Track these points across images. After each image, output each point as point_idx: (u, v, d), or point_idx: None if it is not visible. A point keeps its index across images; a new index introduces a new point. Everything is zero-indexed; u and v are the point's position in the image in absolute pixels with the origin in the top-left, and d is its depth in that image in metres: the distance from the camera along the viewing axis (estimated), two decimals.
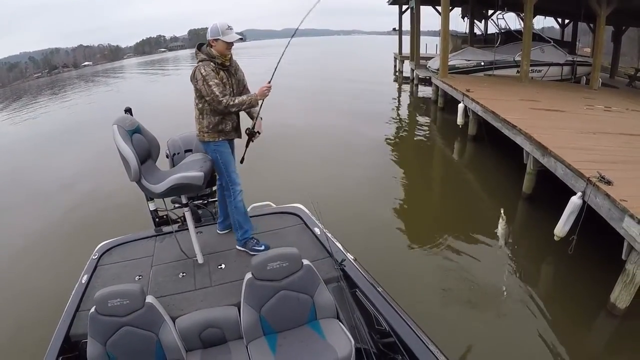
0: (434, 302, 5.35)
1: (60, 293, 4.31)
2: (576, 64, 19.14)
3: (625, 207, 4.90)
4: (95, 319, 3.12)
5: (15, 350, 5.06)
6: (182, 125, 5.85)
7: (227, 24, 4.05)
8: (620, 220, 4.97)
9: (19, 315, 5.68)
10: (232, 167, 4.33)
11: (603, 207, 5.37)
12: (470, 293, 5.53)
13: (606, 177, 5.56)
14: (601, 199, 5.41)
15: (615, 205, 5.08)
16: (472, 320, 5.08)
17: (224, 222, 4.79)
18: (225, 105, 4.00)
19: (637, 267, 4.77)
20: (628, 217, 4.82)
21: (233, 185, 4.32)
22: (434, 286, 5.68)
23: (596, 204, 5.53)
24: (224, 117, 4.19)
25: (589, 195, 5.69)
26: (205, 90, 3.97)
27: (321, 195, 5.05)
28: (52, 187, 11.07)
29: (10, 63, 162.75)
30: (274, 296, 3.37)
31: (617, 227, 5.04)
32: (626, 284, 4.90)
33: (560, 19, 25.83)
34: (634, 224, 4.71)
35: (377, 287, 3.60)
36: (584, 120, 10.02)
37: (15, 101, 41.24)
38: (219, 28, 4.01)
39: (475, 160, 11.48)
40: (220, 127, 4.21)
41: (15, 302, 6.05)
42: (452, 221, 7.55)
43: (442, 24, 16.88)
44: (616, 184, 5.46)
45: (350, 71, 35.75)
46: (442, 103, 16.89)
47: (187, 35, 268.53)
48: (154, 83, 37.61)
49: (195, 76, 4.01)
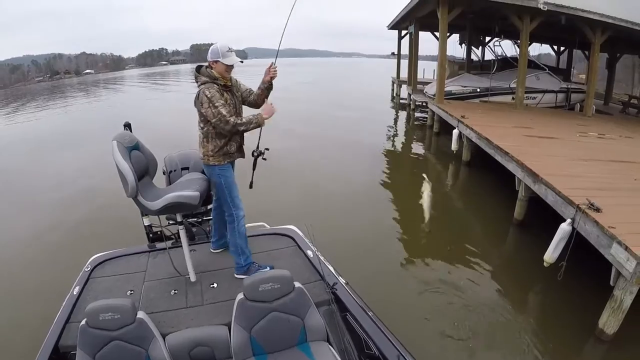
0: (423, 328, 5.34)
1: (48, 302, 4.33)
2: (570, 91, 19.42)
3: (613, 233, 4.96)
4: (86, 331, 3.12)
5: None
6: (179, 143, 5.88)
7: (227, 45, 4.05)
8: (608, 247, 5.02)
9: (5, 323, 5.62)
10: (235, 191, 4.29)
11: (592, 234, 5.43)
12: (458, 318, 5.50)
13: (595, 204, 5.63)
14: (590, 226, 5.47)
15: (604, 232, 5.14)
16: (461, 346, 5.07)
17: (218, 241, 4.78)
18: (232, 125, 3.96)
19: (625, 293, 4.80)
20: (616, 243, 4.88)
21: (236, 209, 4.29)
22: (424, 311, 5.66)
23: (585, 230, 5.59)
24: (230, 138, 4.15)
25: (578, 222, 5.75)
26: (211, 112, 3.92)
27: (314, 216, 5.05)
28: (44, 194, 11.12)
29: (13, 65, 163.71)
30: (265, 317, 3.37)
31: (606, 253, 5.09)
32: (614, 309, 4.93)
33: (556, 46, 26.15)
34: (622, 250, 4.76)
35: (367, 312, 3.60)
36: (576, 147, 10.15)
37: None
38: (219, 50, 4.00)
39: (468, 185, 11.57)
40: (226, 149, 4.17)
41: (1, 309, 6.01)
42: (443, 246, 7.57)
43: (440, 50, 17.07)
44: (605, 211, 5.53)
45: (348, 93, 36.01)
46: (437, 128, 16.98)
47: (189, 49, 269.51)
48: (155, 100, 37.58)
49: (200, 99, 3.96)
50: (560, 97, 19.39)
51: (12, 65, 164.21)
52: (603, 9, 14.95)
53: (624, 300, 4.83)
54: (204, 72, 4.08)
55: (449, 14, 15.75)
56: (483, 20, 19.82)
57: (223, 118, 3.92)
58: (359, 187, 10.96)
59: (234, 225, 4.30)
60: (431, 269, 6.78)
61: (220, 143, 4.13)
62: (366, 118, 22.86)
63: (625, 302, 4.83)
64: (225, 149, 4.16)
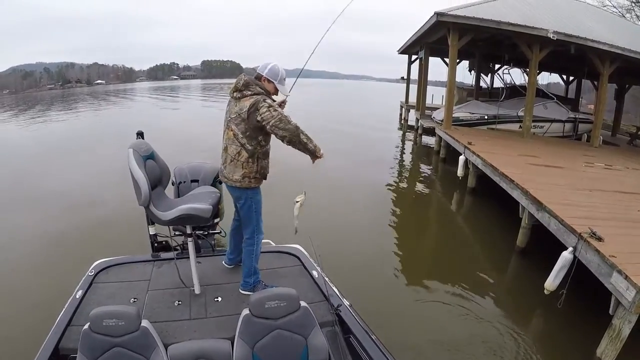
0: (425, 353, 5.34)
1: (48, 303, 4.44)
2: (578, 121, 19.49)
3: (614, 262, 5.02)
4: (88, 335, 3.11)
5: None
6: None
7: (285, 74, 4.02)
8: (608, 276, 5.07)
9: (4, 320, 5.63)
10: (261, 215, 4.26)
11: (593, 263, 5.48)
12: (458, 343, 5.52)
13: (597, 234, 5.69)
14: (591, 255, 5.52)
15: (605, 260, 5.20)
16: None
17: (235, 258, 4.69)
18: (296, 126, 3.78)
19: (624, 322, 4.84)
20: (616, 272, 4.93)
21: (259, 234, 4.25)
22: (426, 336, 5.67)
23: (586, 259, 5.64)
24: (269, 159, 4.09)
25: (579, 250, 5.80)
26: (270, 114, 3.71)
27: (318, 236, 5.07)
28: (53, 197, 11.26)
29: (25, 71, 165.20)
30: (269, 334, 3.33)
31: (606, 282, 5.13)
32: (612, 338, 4.96)
33: (565, 75, 26.27)
34: (622, 279, 4.81)
35: (371, 335, 3.58)
36: (581, 177, 10.22)
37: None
38: (280, 73, 3.98)
39: (472, 211, 11.60)
40: (265, 171, 4.10)
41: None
42: (446, 271, 7.58)
43: (449, 77, 17.19)
44: (607, 241, 5.59)
45: (357, 117, 36.12)
46: (444, 154, 17.01)
47: (200, 65, 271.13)
48: (165, 118, 37.87)
49: (256, 106, 3.74)
50: (568, 127, 19.46)
51: (24, 71, 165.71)
52: (612, 39, 15.10)
53: (623, 329, 4.86)
54: (259, 84, 3.92)
55: (459, 40, 15.90)
56: (493, 48, 20.00)
57: (285, 118, 3.76)
58: (364, 210, 11.04)
59: (253, 248, 4.24)
60: (433, 293, 6.78)
61: (264, 163, 4.05)
62: (373, 141, 23.03)
63: (623, 331, 4.86)
64: (266, 170, 4.11)
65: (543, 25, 14.67)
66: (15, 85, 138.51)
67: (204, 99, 60.05)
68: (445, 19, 15.21)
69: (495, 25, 14.74)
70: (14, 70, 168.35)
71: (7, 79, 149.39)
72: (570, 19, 16.61)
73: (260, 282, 4.31)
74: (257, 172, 4.01)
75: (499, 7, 16.23)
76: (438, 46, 20.02)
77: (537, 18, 15.57)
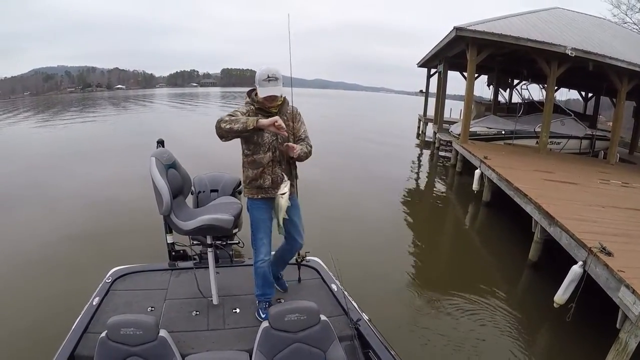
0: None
1: (62, 308, 4.59)
2: (595, 138, 19.41)
3: (622, 277, 5.09)
4: (105, 344, 3.12)
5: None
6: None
7: (268, 72, 3.65)
8: (616, 290, 5.14)
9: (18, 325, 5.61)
10: (260, 233, 3.98)
11: (601, 277, 5.55)
12: (469, 352, 5.61)
13: (607, 248, 5.77)
14: (600, 269, 5.60)
15: (613, 275, 5.27)
16: None
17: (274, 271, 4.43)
18: (217, 122, 3.59)
19: (630, 336, 4.89)
20: (624, 287, 5.00)
21: (255, 253, 4.03)
22: (439, 349, 5.72)
23: (596, 273, 5.71)
24: (263, 170, 3.81)
25: (589, 264, 5.88)
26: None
27: (336, 249, 5.07)
28: (72, 200, 11.50)
29: (46, 73, 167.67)
30: (288, 347, 3.32)
31: (614, 296, 5.20)
32: (619, 352, 5.01)
33: (584, 92, 26.20)
34: (629, 293, 4.88)
35: (390, 350, 3.56)
36: (595, 193, 10.26)
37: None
38: (258, 76, 3.71)
39: (486, 225, 11.66)
40: (259, 182, 3.85)
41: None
42: (460, 283, 7.65)
43: (467, 91, 17.29)
44: (616, 256, 5.65)
45: (374, 128, 36.24)
46: (460, 167, 17.08)
47: (220, 73, 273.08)
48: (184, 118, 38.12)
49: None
50: (585, 144, 19.41)
51: (45, 74, 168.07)
52: (631, 56, 15.08)
53: (629, 343, 4.90)
54: (251, 94, 3.92)
55: (478, 55, 16.00)
56: (511, 63, 20.04)
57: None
58: (381, 221, 11.13)
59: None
60: (445, 304, 6.86)
61: (252, 174, 3.86)
62: (391, 153, 23.12)
63: (630, 345, 4.90)
64: (259, 182, 3.85)
65: (561, 41, 14.73)
66: (37, 87, 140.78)
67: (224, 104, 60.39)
68: (464, 33, 15.32)
69: (513, 41, 14.80)
70: (36, 73, 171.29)
71: (29, 81, 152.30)
72: (589, 35, 16.65)
73: (261, 302, 4.16)
74: (245, 181, 3.96)
75: (518, 23, 16.33)
76: (457, 60, 20.11)
77: (556, 34, 15.64)
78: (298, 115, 4.03)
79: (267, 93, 3.69)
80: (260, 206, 3.94)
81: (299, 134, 3.98)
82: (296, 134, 3.97)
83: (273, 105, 3.82)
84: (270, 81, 3.67)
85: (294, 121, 3.97)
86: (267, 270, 4.05)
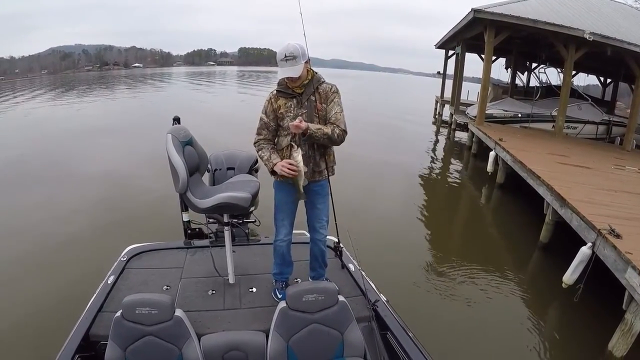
0: (450, 345, 5.34)
1: (78, 285, 4.59)
2: (612, 123, 19.24)
3: (629, 259, 5.15)
4: (120, 323, 3.06)
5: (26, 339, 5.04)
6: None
7: (285, 51, 3.44)
8: (623, 271, 5.22)
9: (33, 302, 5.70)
10: (280, 214, 3.94)
11: (609, 258, 5.63)
12: (477, 330, 5.71)
13: (616, 231, 5.81)
14: (609, 250, 5.66)
15: (621, 256, 5.34)
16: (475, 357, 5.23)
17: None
18: (255, 146, 3.72)
19: (636, 317, 4.97)
20: (631, 268, 5.07)
21: (275, 231, 4.00)
22: (445, 323, 5.78)
23: (604, 254, 5.78)
24: (282, 153, 3.68)
25: (598, 246, 5.95)
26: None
27: (352, 228, 5.05)
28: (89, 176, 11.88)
29: (64, 52, 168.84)
30: (305, 328, 3.25)
31: (620, 277, 5.28)
32: (624, 332, 5.10)
33: (602, 77, 25.92)
34: (636, 275, 4.95)
35: (408, 332, 3.49)
36: (608, 178, 10.25)
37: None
38: (277, 56, 3.51)
39: (500, 207, 11.76)
40: (269, 164, 3.69)
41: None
42: (472, 264, 7.72)
43: (484, 73, 17.22)
44: (625, 238, 5.70)
45: (392, 109, 36.22)
46: (475, 149, 17.08)
47: (237, 52, 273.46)
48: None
49: None
50: (601, 129, 19.24)
51: (63, 52, 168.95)
52: None
53: (635, 324, 4.99)
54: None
55: (495, 38, 15.91)
56: (529, 46, 19.94)
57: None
58: (396, 202, 11.29)
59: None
60: (457, 283, 6.98)
61: (267, 155, 3.70)
62: (408, 133, 23.38)
63: (635, 326, 4.98)
64: (273, 164, 3.65)
65: (580, 25, 14.56)
66: (54, 66, 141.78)
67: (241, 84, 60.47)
68: (482, 15, 15.23)
69: (531, 24, 14.66)
70: (53, 51, 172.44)
71: (46, 59, 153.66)
72: (609, 20, 16.40)
73: (278, 281, 4.14)
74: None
75: (536, 6, 16.11)
76: (475, 42, 20.00)
77: (574, 18, 15.43)
78: (333, 94, 3.72)
79: (283, 74, 3.50)
80: (283, 187, 3.83)
81: (329, 116, 3.67)
82: (326, 116, 3.69)
83: (297, 85, 3.61)
84: (288, 60, 3.44)
85: (326, 102, 3.69)
86: (285, 249, 3.99)
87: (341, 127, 3.63)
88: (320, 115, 3.65)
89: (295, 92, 3.62)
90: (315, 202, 3.91)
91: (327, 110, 3.67)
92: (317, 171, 3.78)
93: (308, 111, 3.61)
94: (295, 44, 3.48)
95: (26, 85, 61.71)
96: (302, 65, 3.47)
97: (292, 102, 3.62)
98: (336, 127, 3.60)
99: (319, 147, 3.73)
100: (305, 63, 3.51)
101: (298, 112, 3.59)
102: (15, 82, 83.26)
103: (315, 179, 3.79)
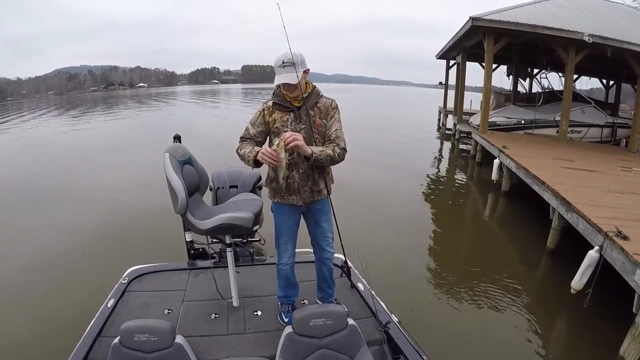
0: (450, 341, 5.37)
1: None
2: (617, 126, 19.15)
3: (637, 260, 5.06)
4: (118, 350, 2.96)
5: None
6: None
7: (283, 57, 3.28)
8: (632, 273, 5.11)
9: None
10: (282, 238, 3.75)
11: (617, 261, 5.53)
12: (488, 335, 5.66)
13: (623, 233, 5.73)
14: (616, 253, 5.57)
15: (629, 258, 5.24)
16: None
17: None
18: (237, 148, 3.50)
19: None
20: (639, 270, 4.99)
21: (277, 254, 3.82)
22: (464, 347, 5.51)
23: (612, 257, 5.69)
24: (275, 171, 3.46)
25: (605, 249, 5.85)
26: None
27: (359, 242, 4.90)
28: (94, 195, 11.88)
29: (70, 73, 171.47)
30: (313, 354, 3.09)
31: (629, 280, 5.18)
32: (635, 336, 5.00)
33: (605, 80, 25.85)
34: None
35: (422, 355, 3.34)
36: (614, 180, 10.13)
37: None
38: (274, 63, 3.35)
39: (506, 214, 11.66)
40: (274, 184, 3.59)
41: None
42: (480, 271, 7.69)
43: (485, 81, 17.20)
44: (633, 240, 5.61)
45: (396, 121, 36.27)
46: (480, 158, 17.03)
47: (241, 70, 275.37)
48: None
49: None
50: (606, 132, 19.14)
51: (69, 73, 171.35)
52: None
53: None
54: (275, 90, 3.54)
55: (495, 45, 15.92)
56: (530, 52, 19.94)
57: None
58: (402, 212, 11.20)
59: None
60: (469, 297, 6.85)
61: (271, 174, 3.59)
62: (412, 145, 23.26)
63: None
64: (274, 184, 3.59)
65: (578, 28, 14.54)
66: (60, 87, 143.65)
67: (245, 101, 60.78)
68: (480, 23, 15.26)
69: (529, 29, 14.67)
70: (59, 72, 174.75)
71: (53, 80, 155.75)
72: (607, 21, 16.38)
73: (284, 304, 3.99)
74: (267, 180, 3.70)
75: (534, 11, 16.16)
76: (475, 51, 20.00)
77: (573, 21, 15.43)
78: (332, 110, 3.54)
79: (280, 80, 3.31)
80: (284, 210, 3.68)
81: (329, 132, 3.50)
82: (326, 132, 3.51)
83: (295, 97, 3.41)
84: (285, 67, 3.27)
85: (326, 117, 3.52)
86: (289, 272, 3.84)
87: (341, 145, 3.47)
88: (320, 131, 3.49)
89: (292, 105, 3.43)
90: (318, 220, 3.77)
91: (327, 127, 3.51)
92: (315, 190, 3.63)
93: (306, 127, 3.43)
94: (295, 51, 3.28)
95: (34, 106, 62.61)
96: (300, 73, 3.30)
97: (289, 116, 3.44)
98: (336, 147, 3.43)
99: (317, 166, 3.52)
100: (304, 72, 3.35)
101: (296, 128, 3.41)
102: (22, 102, 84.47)
103: (314, 198, 3.65)
